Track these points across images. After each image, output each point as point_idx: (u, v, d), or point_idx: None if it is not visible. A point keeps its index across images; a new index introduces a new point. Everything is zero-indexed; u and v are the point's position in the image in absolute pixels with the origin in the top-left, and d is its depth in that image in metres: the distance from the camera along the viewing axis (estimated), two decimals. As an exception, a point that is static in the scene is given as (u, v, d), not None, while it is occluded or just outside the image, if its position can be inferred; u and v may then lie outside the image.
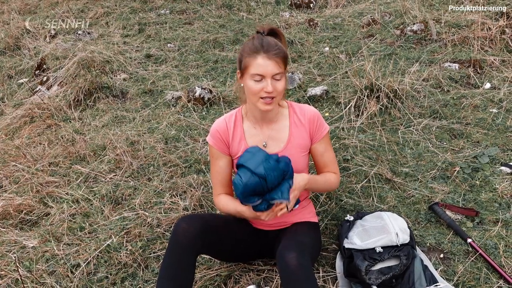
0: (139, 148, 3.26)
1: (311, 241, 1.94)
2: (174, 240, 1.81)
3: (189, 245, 1.81)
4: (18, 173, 3.15)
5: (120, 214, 2.64)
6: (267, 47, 1.83)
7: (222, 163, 2.08)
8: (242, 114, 2.07)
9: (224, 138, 2.04)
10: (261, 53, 1.82)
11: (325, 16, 5.79)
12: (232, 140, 2.04)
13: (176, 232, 1.82)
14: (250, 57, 1.84)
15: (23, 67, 5.33)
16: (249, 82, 1.86)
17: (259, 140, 2.03)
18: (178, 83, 4.30)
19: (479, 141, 3.12)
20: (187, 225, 1.83)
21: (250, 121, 2.04)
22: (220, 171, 2.09)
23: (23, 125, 4.03)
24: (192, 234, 1.81)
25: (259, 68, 1.82)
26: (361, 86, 3.52)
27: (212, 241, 1.92)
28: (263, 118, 2.01)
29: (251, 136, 2.03)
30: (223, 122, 2.06)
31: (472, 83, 3.92)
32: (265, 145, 2.02)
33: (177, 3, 6.57)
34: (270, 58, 1.82)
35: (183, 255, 1.81)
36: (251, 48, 1.85)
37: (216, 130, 2.05)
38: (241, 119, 2.06)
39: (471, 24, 4.61)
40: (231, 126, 2.05)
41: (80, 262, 2.27)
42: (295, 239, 1.86)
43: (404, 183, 2.76)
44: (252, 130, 2.04)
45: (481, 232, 2.34)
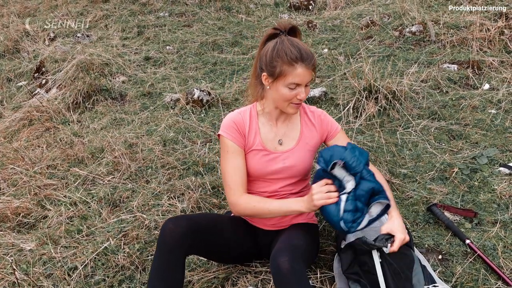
0: (137, 150, 3.25)
1: (306, 245, 1.92)
2: (161, 241, 1.82)
3: (176, 246, 1.80)
4: (16, 176, 3.15)
5: (117, 216, 2.63)
6: (306, 57, 1.82)
7: (240, 159, 1.98)
8: (257, 110, 2.06)
9: (241, 129, 1.99)
10: (300, 63, 1.81)
11: (324, 18, 5.80)
12: (248, 133, 2.01)
13: (163, 233, 1.82)
14: (288, 66, 1.82)
15: (22, 70, 5.34)
16: (282, 89, 1.87)
17: (273, 136, 2.03)
18: (177, 85, 4.30)
19: (477, 142, 3.11)
20: (174, 225, 1.82)
21: (266, 118, 2.05)
22: (238, 167, 1.97)
23: (22, 128, 4.03)
24: (178, 234, 1.80)
25: (297, 78, 1.83)
26: (360, 88, 3.52)
27: (201, 241, 1.90)
28: (279, 118, 2.04)
29: (266, 132, 2.03)
30: (238, 115, 2.03)
31: (471, 84, 3.92)
32: (280, 143, 2.03)
33: (176, 6, 6.58)
34: (308, 68, 1.83)
35: (171, 256, 1.81)
36: (290, 56, 1.82)
37: (231, 121, 1.99)
38: (256, 115, 2.05)
39: (469, 25, 4.61)
40: (246, 119, 2.03)
41: (77, 265, 2.27)
42: (289, 242, 1.85)
43: (403, 184, 2.76)
44: (267, 127, 2.04)
45: (479, 233, 2.33)
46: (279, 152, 2.02)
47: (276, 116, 2.04)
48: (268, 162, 2.01)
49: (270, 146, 2.03)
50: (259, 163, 2.01)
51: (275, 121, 2.05)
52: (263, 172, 2.03)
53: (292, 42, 1.85)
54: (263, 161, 2.01)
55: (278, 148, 2.03)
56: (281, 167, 2.02)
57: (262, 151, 2.01)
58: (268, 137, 2.03)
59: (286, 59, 1.82)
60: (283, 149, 2.03)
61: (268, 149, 2.02)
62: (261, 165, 2.02)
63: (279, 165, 2.02)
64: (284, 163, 2.02)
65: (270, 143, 2.03)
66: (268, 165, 2.02)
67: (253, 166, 2.02)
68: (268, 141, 2.03)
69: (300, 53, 1.83)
